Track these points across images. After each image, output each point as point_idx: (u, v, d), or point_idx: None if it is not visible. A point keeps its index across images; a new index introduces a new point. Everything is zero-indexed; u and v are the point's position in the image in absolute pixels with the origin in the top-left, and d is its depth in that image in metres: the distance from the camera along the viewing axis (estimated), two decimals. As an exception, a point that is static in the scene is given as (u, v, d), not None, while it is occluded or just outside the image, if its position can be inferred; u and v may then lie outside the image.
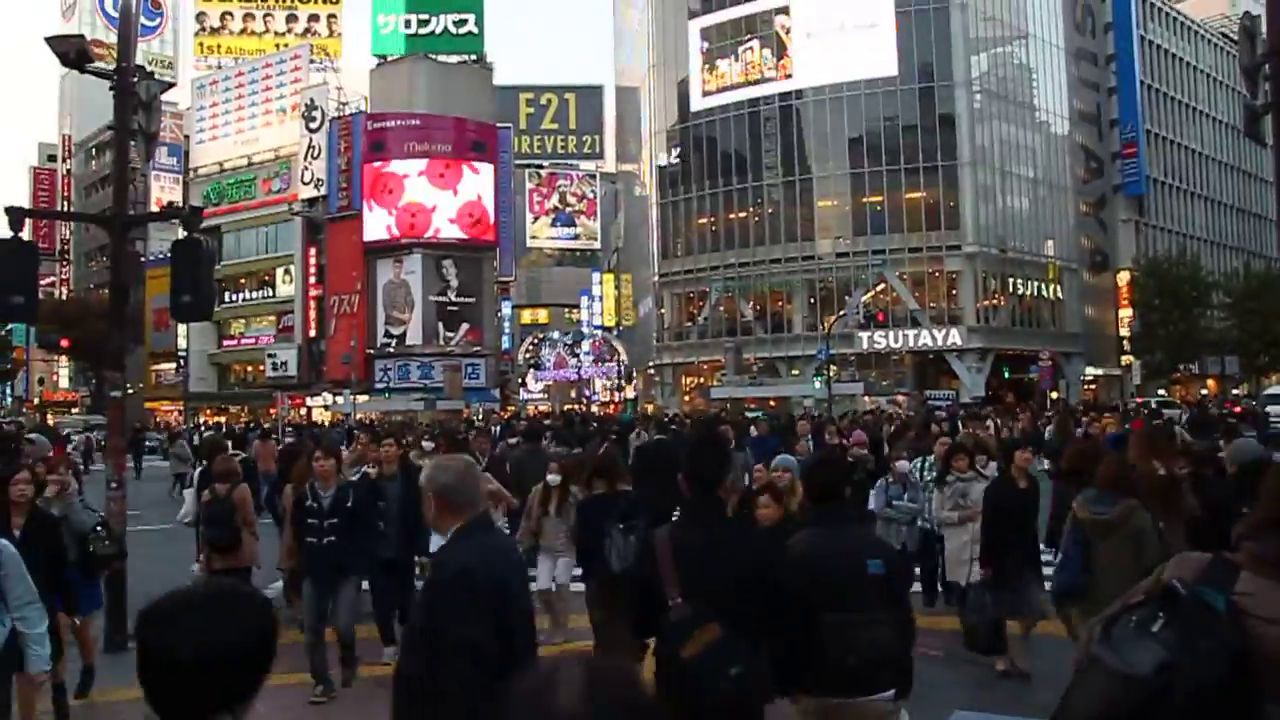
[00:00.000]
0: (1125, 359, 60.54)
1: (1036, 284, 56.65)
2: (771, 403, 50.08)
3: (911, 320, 52.87)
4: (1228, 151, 74.47)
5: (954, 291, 53.95)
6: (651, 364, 64.61)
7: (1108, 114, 66.03)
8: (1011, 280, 54.97)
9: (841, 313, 49.60)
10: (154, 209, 53.17)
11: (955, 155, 53.16)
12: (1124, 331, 61.71)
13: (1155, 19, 69.53)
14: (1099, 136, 65.73)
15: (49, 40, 8.90)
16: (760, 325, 57.64)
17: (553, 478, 8.72)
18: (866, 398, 46.77)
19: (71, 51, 8.73)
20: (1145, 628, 1.89)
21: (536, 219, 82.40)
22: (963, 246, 52.75)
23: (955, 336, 51.77)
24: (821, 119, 55.78)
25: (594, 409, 59.69)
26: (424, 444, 13.00)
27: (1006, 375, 54.03)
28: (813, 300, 56.32)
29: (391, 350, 57.85)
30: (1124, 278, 62.76)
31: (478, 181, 59.69)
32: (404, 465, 8.99)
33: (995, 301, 54.74)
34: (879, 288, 53.24)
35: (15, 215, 8.71)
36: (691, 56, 60.53)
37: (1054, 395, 48.76)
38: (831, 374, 43.38)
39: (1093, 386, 61.08)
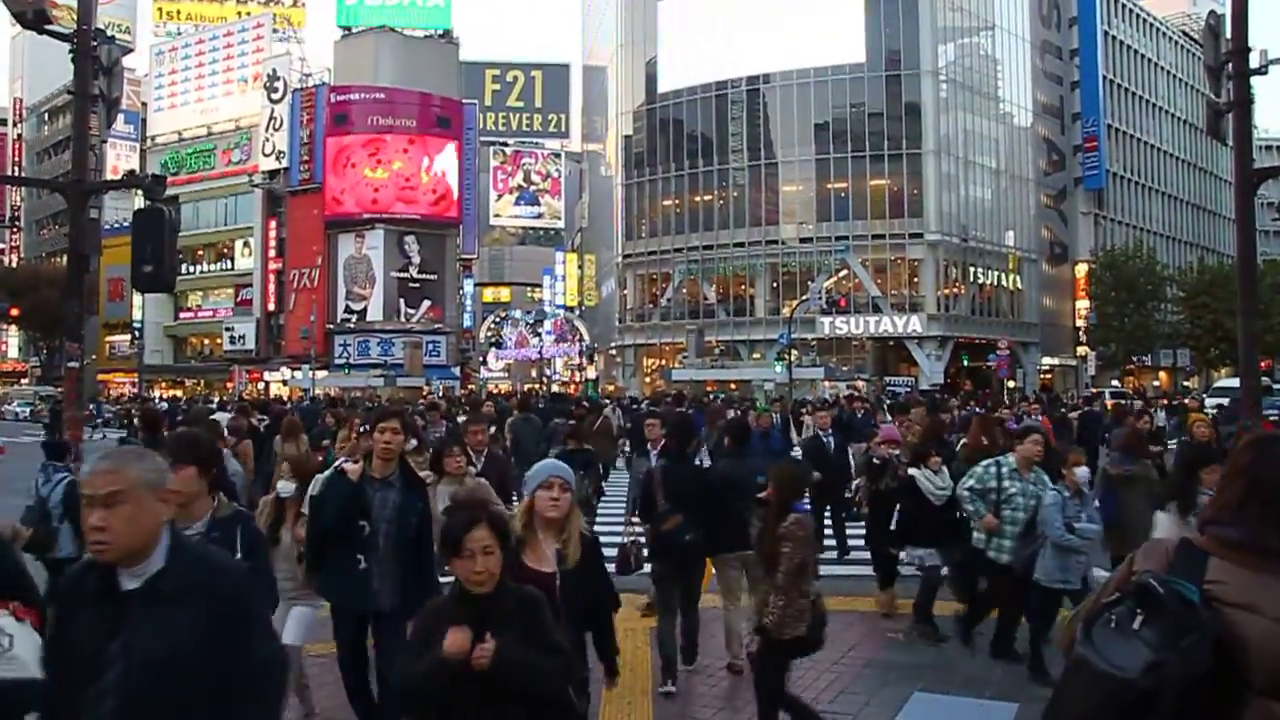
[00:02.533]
0: (1080, 350, 61.43)
1: (997, 274, 57.25)
2: (732, 385, 50.26)
3: (873, 306, 53.27)
4: (1186, 148, 75.63)
5: (915, 279, 54.39)
6: (613, 344, 64.61)
7: (1070, 107, 66.73)
8: (972, 269, 55.49)
9: (804, 297, 49.82)
10: (110, 177, 52.22)
11: (920, 144, 53.49)
12: (1080, 323, 62.63)
13: (1119, 15, 70.24)
14: (1061, 129, 66.42)
15: (4, 1, 8.68)
16: (723, 308, 57.80)
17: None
18: (827, 383, 47.07)
19: (29, 12, 8.52)
20: (1126, 626, 1.87)
21: (500, 197, 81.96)
22: (925, 235, 53.17)
23: (916, 324, 52.24)
24: (788, 104, 55.87)
25: (554, 388, 59.62)
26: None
27: (966, 363, 54.66)
28: (775, 285, 56.53)
29: (352, 326, 57.39)
30: (1082, 270, 63.68)
31: (442, 157, 59.25)
32: (404, 466, 5.50)
33: (956, 290, 55.26)
34: (841, 273, 53.57)
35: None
36: (660, 36, 60.29)
37: (1010, 384, 49.38)
38: (792, 358, 43.56)
39: (1048, 376, 61.99)
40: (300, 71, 63.16)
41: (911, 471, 7.91)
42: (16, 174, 78.89)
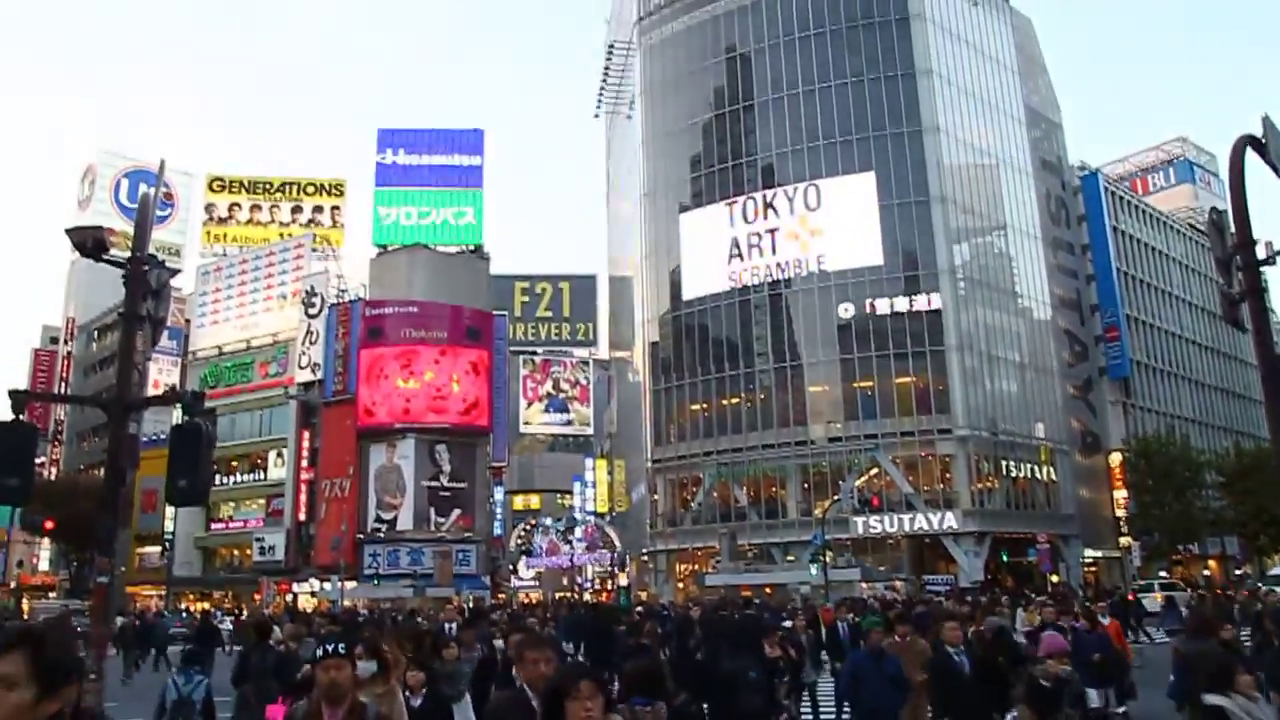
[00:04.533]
0: (1123, 540, 60.03)
1: (1029, 466, 56.74)
2: (767, 589, 49.17)
3: (906, 504, 52.64)
4: (1208, 335, 76.30)
5: (948, 474, 53.95)
6: (645, 550, 63.75)
7: (1088, 300, 67.87)
8: (1004, 462, 55.09)
9: (835, 498, 49.36)
10: (151, 391, 53.51)
11: (942, 340, 54.23)
12: (1120, 512, 61.47)
13: (1125, 211, 72.45)
14: (1080, 321, 67.32)
15: (69, 232, 9.22)
16: (754, 510, 57.27)
17: None
18: (864, 584, 46.01)
19: (89, 241, 9.03)
20: None
21: (530, 405, 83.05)
22: (954, 430, 53.12)
23: (951, 520, 51.43)
24: (810, 306, 57.15)
25: (586, 595, 58.60)
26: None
27: (1005, 559, 53.40)
28: (806, 485, 56.17)
29: (382, 535, 57.16)
30: (1115, 459, 63.02)
31: (473, 368, 60.48)
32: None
33: (989, 484, 54.67)
34: (872, 472, 53.24)
35: (18, 398, 8.80)
36: (682, 247, 62.41)
37: (1054, 579, 48.09)
38: (827, 559, 42.80)
39: (1093, 569, 60.33)
40: (337, 287, 65.62)
41: (1217, 701, 5.36)
42: (64, 390, 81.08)
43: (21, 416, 8.96)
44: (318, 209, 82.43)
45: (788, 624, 15.58)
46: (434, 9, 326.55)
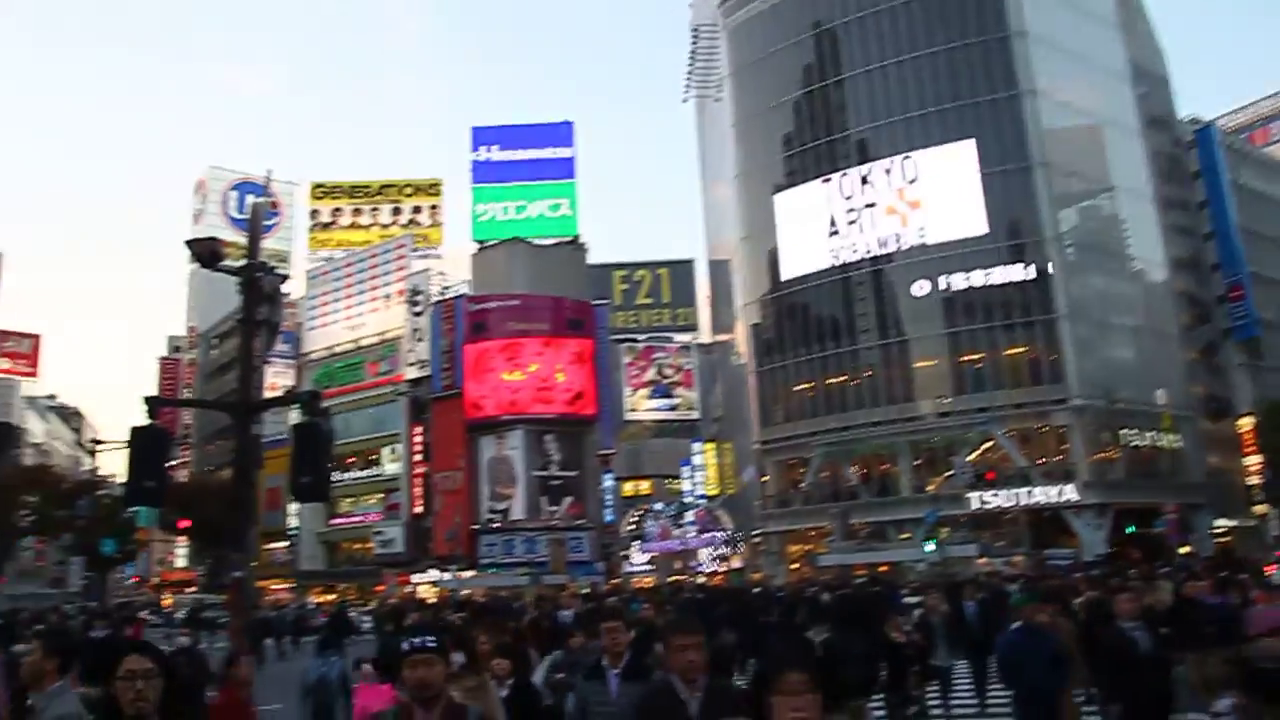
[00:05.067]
0: (1259, 508, 57.55)
1: (1151, 434, 54.78)
2: (882, 568, 48.68)
3: (1022, 478, 51.35)
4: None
5: (1064, 446, 52.46)
6: (757, 532, 63.64)
7: (1207, 259, 65.08)
8: (1124, 431, 53.33)
9: (949, 473, 48.49)
10: (269, 393, 55.51)
11: (1052, 309, 52.69)
12: (1253, 480, 58.89)
13: (1244, 163, 69.11)
14: (1200, 282, 64.61)
15: (189, 244, 9.66)
16: (865, 489, 56.62)
17: None
18: (982, 560, 45.14)
19: (206, 252, 9.44)
20: None
21: (634, 391, 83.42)
22: (1069, 400, 51.60)
23: (1070, 492, 50.00)
24: (913, 280, 56.03)
25: (700, 580, 58.75)
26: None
27: (1130, 531, 51.65)
28: (918, 461, 55.29)
29: (496, 525, 58.27)
30: (1246, 423, 60.35)
31: (576, 358, 61.11)
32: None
33: (1109, 454, 52.99)
34: (985, 446, 52.12)
35: (153, 404, 9.27)
36: (780, 226, 61.84)
37: (1184, 550, 46.40)
38: (943, 536, 42.12)
39: (1226, 539, 57.93)
40: (439, 285, 66.99)
41: None
42: (189, 395, 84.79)
43: (154, 422, 9.41)
44: (416, 209, 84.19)
45: (913, 600, 15.31)
46: (515, 6, 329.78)
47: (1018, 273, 53.52)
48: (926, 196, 55.70)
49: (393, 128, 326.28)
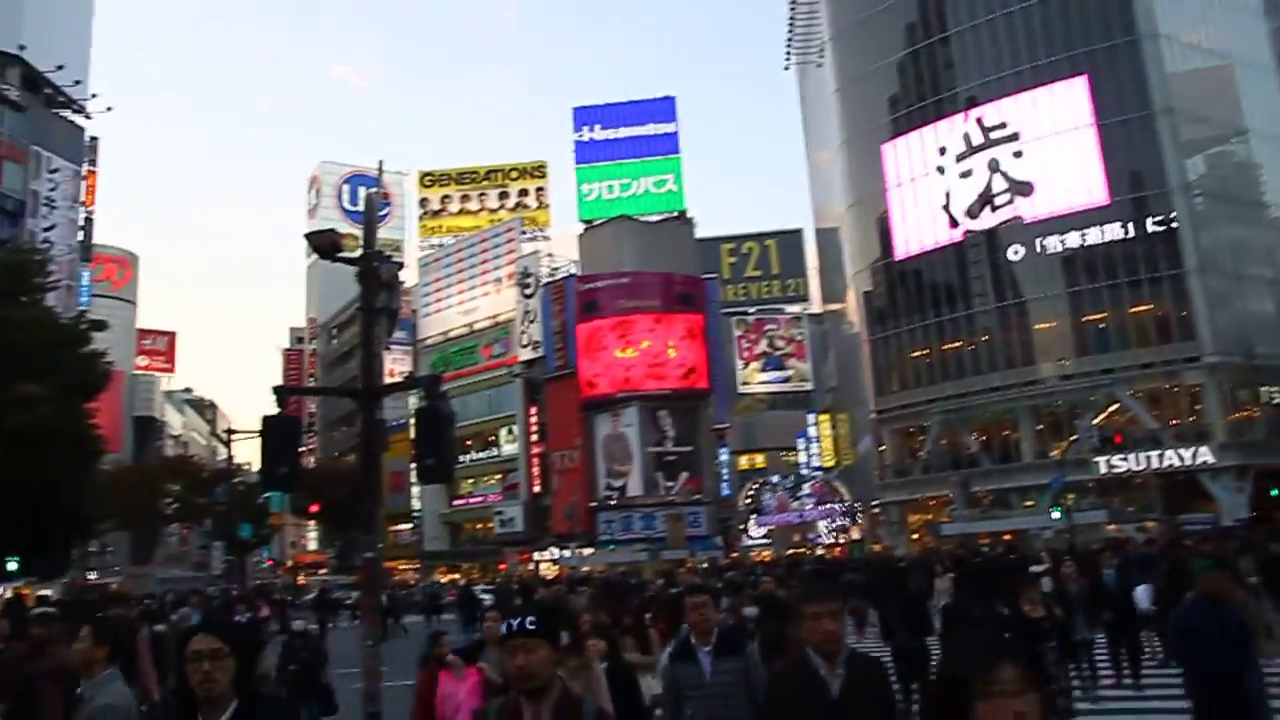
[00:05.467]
0: None
1: (1294, 391, 52.06)
2: (1006, 536, 47.59)
3: (1153, 440, 49.41)
4: None
5: (1197, 406, 50.22)
6: (875, 503, 62.86)
7: (1354, 204, 61.30)
8: (1264, 389, 50.81)
9: (1073, 438, 46.97)
10: (387, 379, 56.97)
11: (1180, 263, 50.36)
12: None
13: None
14: (1345, 229, 60.95)
15: (308, 237, 9.95)
16: (986, 456, 55.30)
17: None
18: (1112, 526, 43.69)
19: (325, 244, 9.70)
20: None
21: (747, 365, 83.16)
22: (1201, 358, 49.31)
23: (1205, 454, 47.88)
24: (1029, 239, 54.23)
25: (819, 552, 58.39)
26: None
27: (1275, 494, 49.15)
28: (1040, 426, 53.71)
29: (613, 502, 58.84)
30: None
31: (687, 333, 61.11)
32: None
33: (1249, 413, 50.58)
34: (1112, 408, 50.33)
35: (281, 393, 9.60)
36: (889, 189, 60.52)
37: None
38: (1070, 502, 40.89)
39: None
40: (549, 266, 67.70)
41: None
42: (313, 385, 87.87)
43: (284, 410, 9.75)
44: (523, 192, 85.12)
45: (1038, 569, 14.81)
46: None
47: (1142, 227, 51.29)
48: (1041, 151, 53.79)
49: (496, 113, 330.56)
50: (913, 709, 13.04)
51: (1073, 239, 52.62)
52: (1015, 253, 54.60)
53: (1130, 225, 51.39)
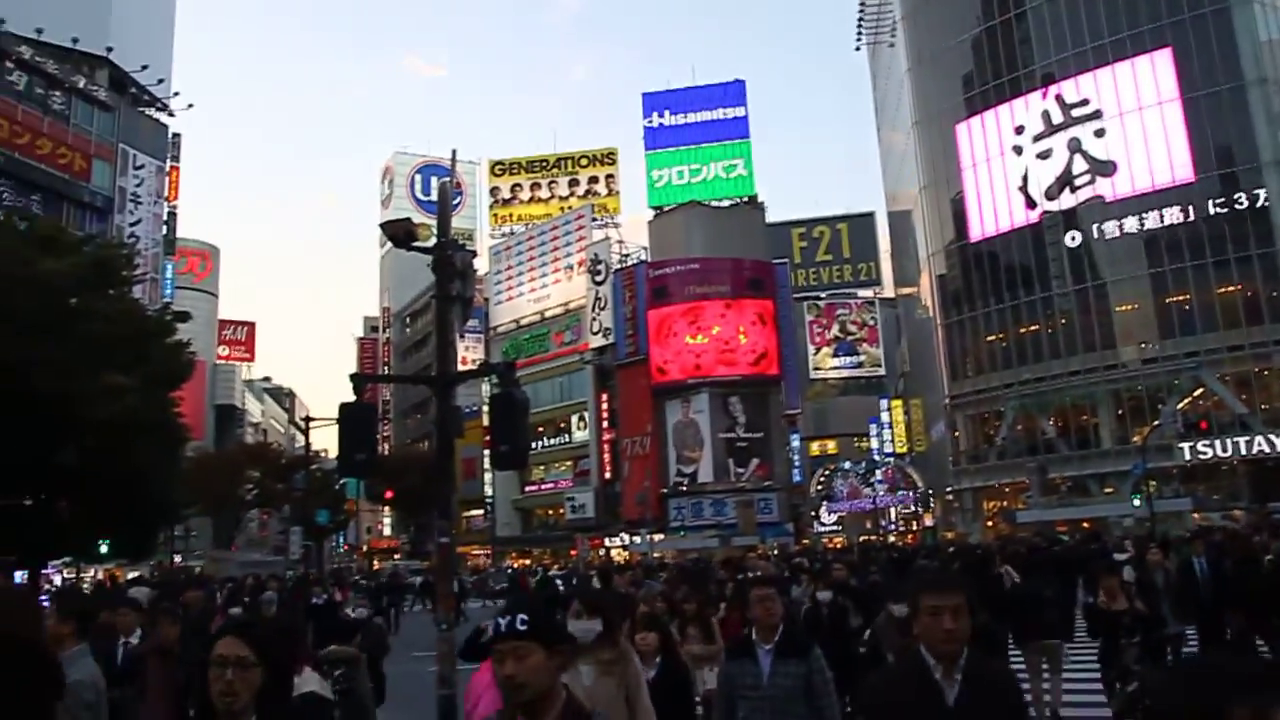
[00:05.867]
0: None
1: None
2: (1085, 524, 46.58)
3: (1241, 425, 47.88)
4: None
5: (1288, 390, 48.56)
6: (949, 489, 61.97)
7: None
8: (1359, 371, 48.90)
9: (1156, 423, 45.76)
10: (461, 367, 57.63)
11: (1272, 241, 48.60)
12: None
13: None
14: None
15: (383, 226, 10.08)
16: (1064, 442, 54.14)
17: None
18: (1196, 514, 42.51)
19: (401, 233, 9.79)
20: None
21: (818, 350, 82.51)
22: (1293, 339, 47.64)
23: (1296, 440, 46.30)
24: (1110, 218, 52.77)
25: (890, 539, 57.79)
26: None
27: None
28: (1120, 411, 52.42)
29: (684, 489, 58.83)
30: None
31: (758, 318, 60.77)
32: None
33: (1341, 397, 48.75)
34: (1197, 392, 48.90)
35: (358, 381, 9.74)
36: (963, 170, 59.40)
37: None
38: (1151, 490, 39.89)
39: None
40: (619, 253, 67.78)
41: None
42: (386, 372, 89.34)
43: (360, 398, 9.89)
44: (593, 179, 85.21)
45: (1121, 557, 14.35)
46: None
47: (1231, 203, 49.57)
48: (1123, 126, 52.31)
49: (565, 100, 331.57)
50: None
51: (1156, 218, 51.13)
52: (1095, 233, 53.25)
53: (1218, 202, 49.75)
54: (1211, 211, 49.81)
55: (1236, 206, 49.33)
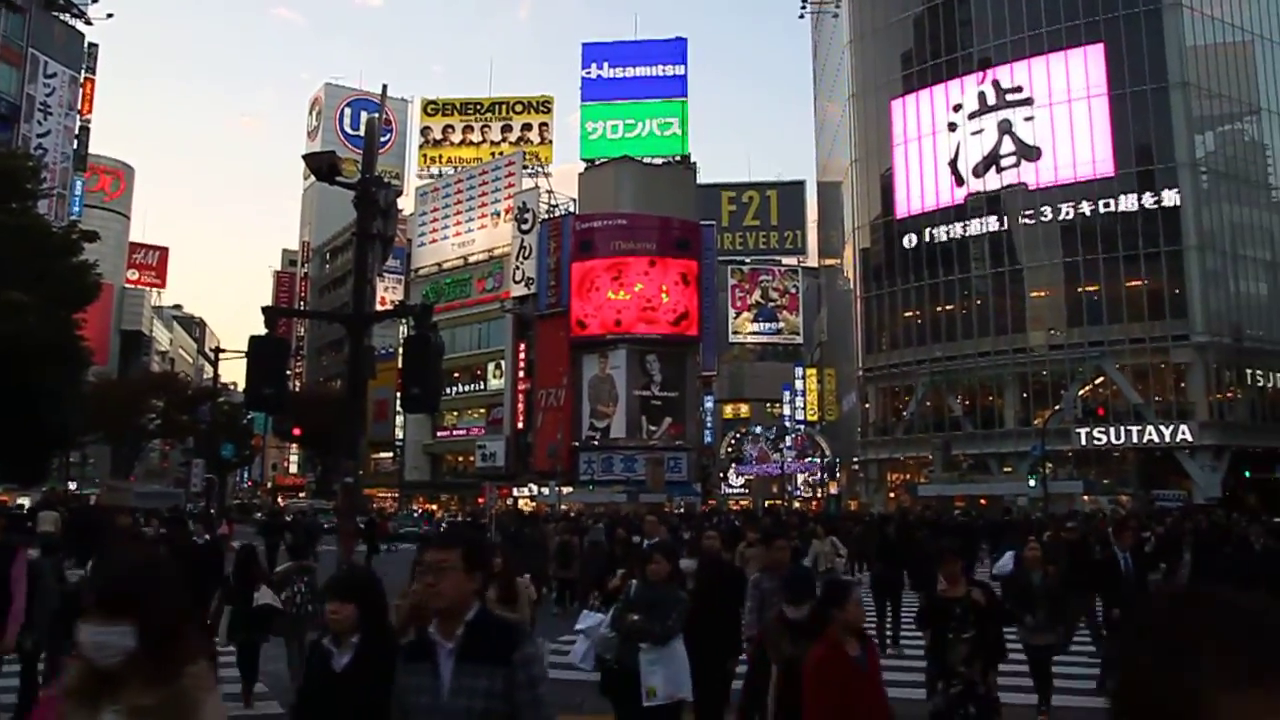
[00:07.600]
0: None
1: None
2: (982, 501, 48.04)
3: (1134, 415, 49.72)
4: None
5: (1182, 384, 50.46)
6: (856, 459, 63.27)
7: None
8: (1250, 371, 51.05)
9: (1057, 407, 47.26)
10: (379, 308, 56.89)
11: (1179, 240, 50.25)
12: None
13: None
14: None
15: (306, 158, 9.82)
16: (969, 420, 55.59)
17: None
18: (1086, 497, 44.12)
19: (324, 166, 9.56)
20: None
21: (739, 314, 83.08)
22: (1191, 336, 49.44)
23: (1185, 432, 48.28)
24: (1031, 206, 53.99)
25: (795, 504, 58.86)
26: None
27: (1248, 475, 49.67)
28: (1025, 394, 53.98)
29: (596, 443, 59.03)
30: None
31: (681, 278, 60.90)
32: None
33: (1232, 394, 50.89)
34: (1097, 381, 50.55)
35: (270, 314, 9.53)
36: (894, 146, 60.07)
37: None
38: (1047, 471, 41.24)
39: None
40: (548, 203, 67.21)
41: None
42: (303, 307, 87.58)
43: (272, 332, 9.68)
44: (526, 126, 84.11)
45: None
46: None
47: (1145, 201, 51.05)
48: (1051, 117, 53.40)
49: (504, 43, 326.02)
50: (885, 627, 13.89)
51: (1075, 209, 52.43)
52: (1016, 219, 54.43)
53: (1134, 198, 51.21)
54: (1126, 207, 51.28)
55: (1149, 205, 50.83)
